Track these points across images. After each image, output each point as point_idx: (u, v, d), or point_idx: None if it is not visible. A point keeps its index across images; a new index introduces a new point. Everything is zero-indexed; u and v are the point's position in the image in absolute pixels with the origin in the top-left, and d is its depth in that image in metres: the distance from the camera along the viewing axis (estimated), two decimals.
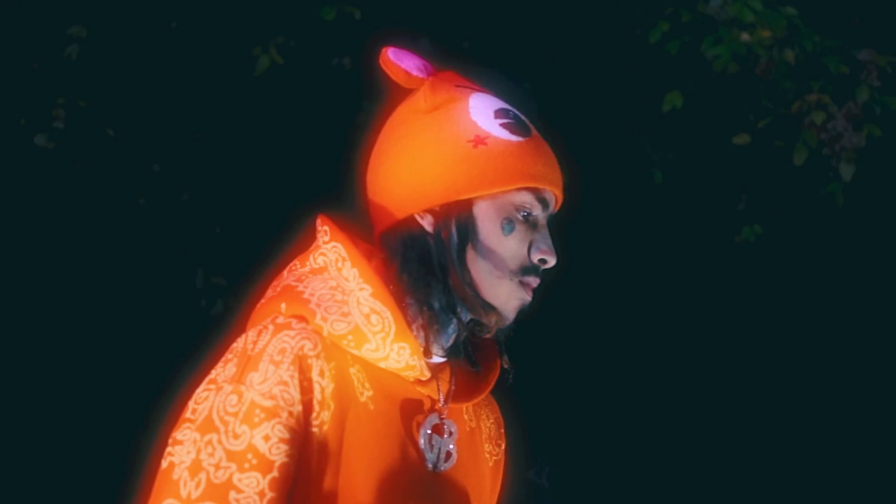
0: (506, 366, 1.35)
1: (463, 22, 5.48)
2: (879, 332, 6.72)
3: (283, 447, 1.19)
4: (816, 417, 6.89)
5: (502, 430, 1.44)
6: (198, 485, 1.17)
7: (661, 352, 6.56)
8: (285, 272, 1.32)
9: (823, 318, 6.53)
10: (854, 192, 4.42)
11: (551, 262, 1.30)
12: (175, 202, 5.75)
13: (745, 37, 4.39)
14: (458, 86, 1.34)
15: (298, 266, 1.32)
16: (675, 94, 4.58)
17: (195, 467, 1.17)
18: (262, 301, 1.30)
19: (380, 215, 1.32)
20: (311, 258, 1.31)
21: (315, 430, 1.21)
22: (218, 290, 5.80)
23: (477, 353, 1.37)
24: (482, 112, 1.31)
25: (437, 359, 1.32)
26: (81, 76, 4.99)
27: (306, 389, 1.21)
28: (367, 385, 1.26)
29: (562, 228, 1.41)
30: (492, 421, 1.43)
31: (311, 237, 1.35)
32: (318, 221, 1.33)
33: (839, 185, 4.37)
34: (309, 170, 5.85)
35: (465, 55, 5.64)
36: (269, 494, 1.17)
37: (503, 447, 1.44)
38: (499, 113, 1.31)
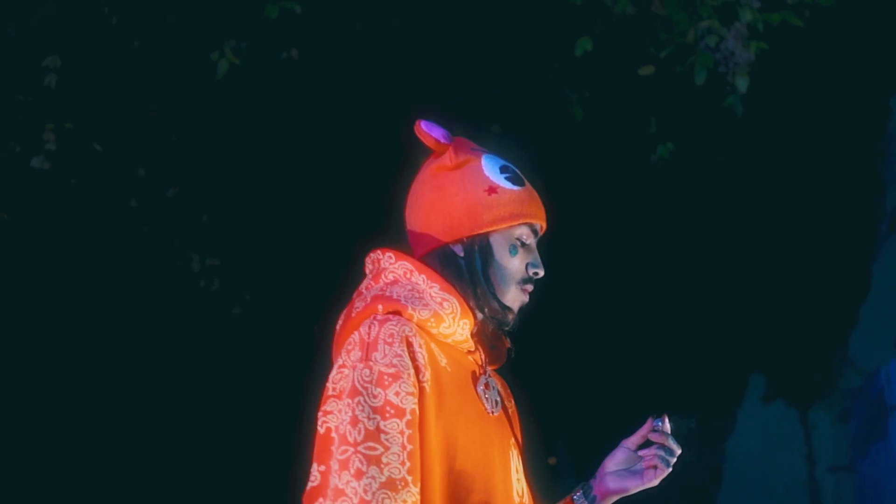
0: (508, 345, 1.66)
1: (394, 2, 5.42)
2: (782, 217, 6.82)
3: (410, 398, 1.48)
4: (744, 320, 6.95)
5: (509, 391, 1.72)
6: (359, 432, 1.45)
7: (602, 267, 6.60)
8: (363, 290, 1.59)
9: (736, 214, 6.62)
10: (750, 101, 4.46)
11: (541, 273, 1.62)
12: (162, 200, 5.69)
13: None
14: (472, 149, 1.64)
15: (374, 284, 1.59)
16: (585, 40, 4.56)
17: (353, 421, 1.45)
18: (358, 311, 1.56)
19: (421, 243, 1.62)
20: (382, 277, 1.59)
21: (425, 385, 1.50)
22: (213, 271, 5.79)
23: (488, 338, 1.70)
24: (492, 169, 1.61)
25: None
26: (64, 101, 4.89)
27: (413, 358, 1.50)
28: (442, 355, 1.55)
29: None
30: (501, 385, 1.71)
31: (362, 267, 1.63)
32: (378, 252, 1.61)
33: (737, 97, 4.40)
34: (276, 157, 5.80)
35: (395, 33, 5.59)
36: (407, 431, 1.46)
37: (513, 402, 1.72)
38: (503, 168, 1.62)
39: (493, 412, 1.59)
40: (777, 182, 6.65)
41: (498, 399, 1.62)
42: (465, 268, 1.59)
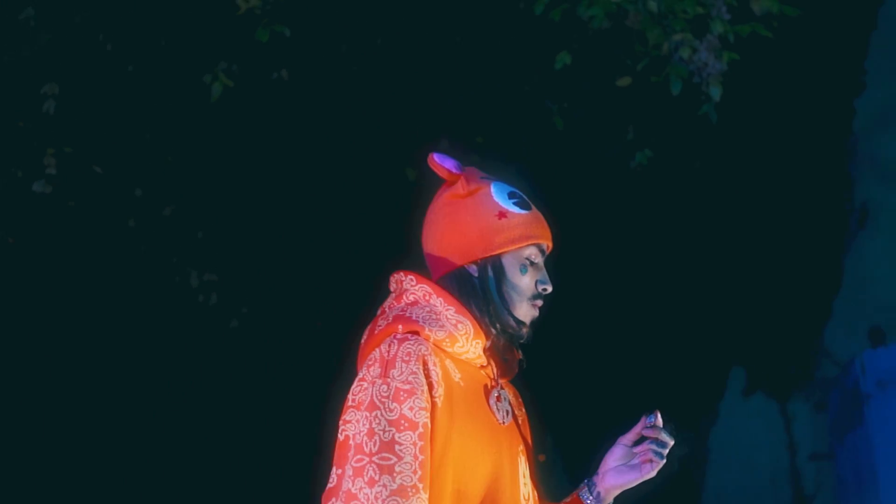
0: (519, 357, 1.75)
1: (377, 20, 5.50)
2: (756, 211, 6.91)
3: (423, 412, 1.57)
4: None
5: (520, 400, 1.80)
6: (374, 444, 1.53)
7: (584, 269, 6.67)
8: (386, 309, 1.68)
9: (713, 216, 6.71)
10: (724, 108, 4.54)
11: (549, 289, 1.72)
12: (159, 218, 5.74)
13: None
14: (482, 177, 1.73)
15: (396, 304, 1.68)
16: (564, 54, 4.62)
17: (370, 433, 1.54)
18: (381, 329, 1.65)
19: (438, 266, 1.71)
20: (404, 297, 1.68)
21: (437, 400, 1.59)
22: (211, 285, 5.83)
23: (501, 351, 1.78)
24: (501, 195, 1.71)
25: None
26: (63, 126, 4.94)
27: (428, 375, 1.59)
28: (456, 371, 1.64)
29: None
30: (512, 394, 1.79)
31: (386, 286, 1.72)
32: (401, 274, 1.70)
33: (711, 105, 4.48)
34: (268, 174, 5.86)
35: (379, 51, 5.67)
36: (420, 443, 1.55)
37: (524, 410, 1.80)
38: (511, 194, 1.71)
39: (503, 422, 1.68)
40: (751, 184, 6.76)
41: (509, 409, 1.70)
42: (480, 287, 1.68)
